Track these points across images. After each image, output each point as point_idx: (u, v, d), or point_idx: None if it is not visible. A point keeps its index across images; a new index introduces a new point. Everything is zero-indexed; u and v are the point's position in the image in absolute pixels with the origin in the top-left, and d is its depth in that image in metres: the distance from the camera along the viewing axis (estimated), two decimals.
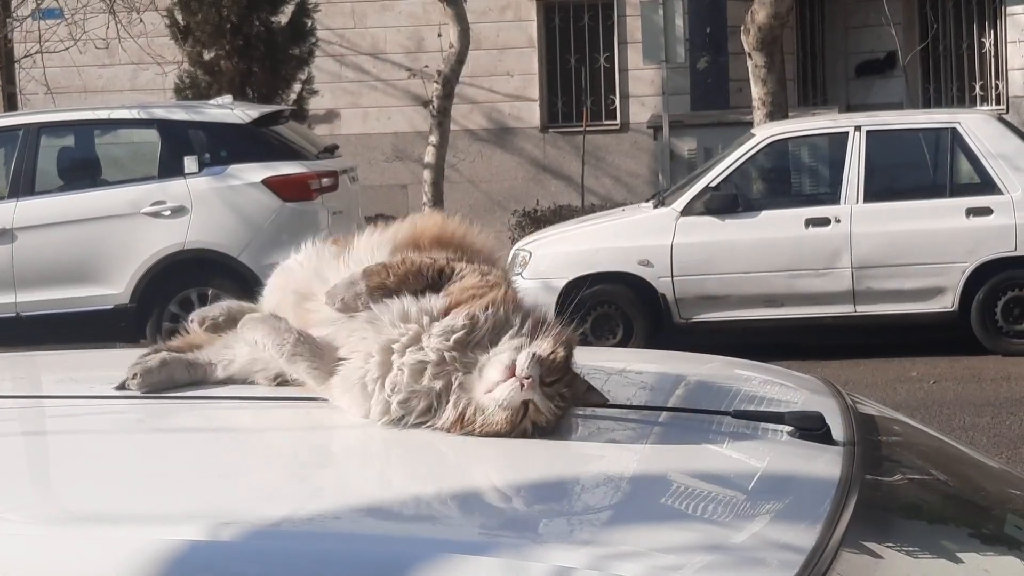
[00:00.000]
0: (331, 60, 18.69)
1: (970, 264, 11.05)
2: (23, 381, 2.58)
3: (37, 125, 11.97)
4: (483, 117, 19.14)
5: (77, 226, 11.54)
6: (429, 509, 1.79)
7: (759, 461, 2.01)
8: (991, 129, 11.49)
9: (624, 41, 18.92)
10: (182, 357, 2.28)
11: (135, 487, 1.85)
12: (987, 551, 2.02)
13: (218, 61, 15.98)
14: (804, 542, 1.67)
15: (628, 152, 18.93)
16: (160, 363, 2.25)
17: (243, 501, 1.78)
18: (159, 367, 2.25)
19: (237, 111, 12.05)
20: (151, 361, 2.26)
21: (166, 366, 2.25)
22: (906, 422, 2.46)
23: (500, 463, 1.95)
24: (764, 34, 13.88)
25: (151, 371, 2.24)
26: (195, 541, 1.62)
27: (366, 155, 18.47)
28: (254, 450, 2.06)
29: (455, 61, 16.28)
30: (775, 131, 12.01)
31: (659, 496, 1.83)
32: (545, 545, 1.65)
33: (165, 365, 2.25)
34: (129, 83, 18.57)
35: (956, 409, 9.21)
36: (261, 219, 11.56)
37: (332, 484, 1.90)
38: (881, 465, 2.10)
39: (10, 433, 2.16)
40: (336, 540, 1.64)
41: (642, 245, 11.43)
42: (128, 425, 2.17)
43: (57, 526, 1.71)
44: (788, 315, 11.32)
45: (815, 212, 11.35)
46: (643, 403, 2.21)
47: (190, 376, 2.25)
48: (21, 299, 11.52)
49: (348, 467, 1.98)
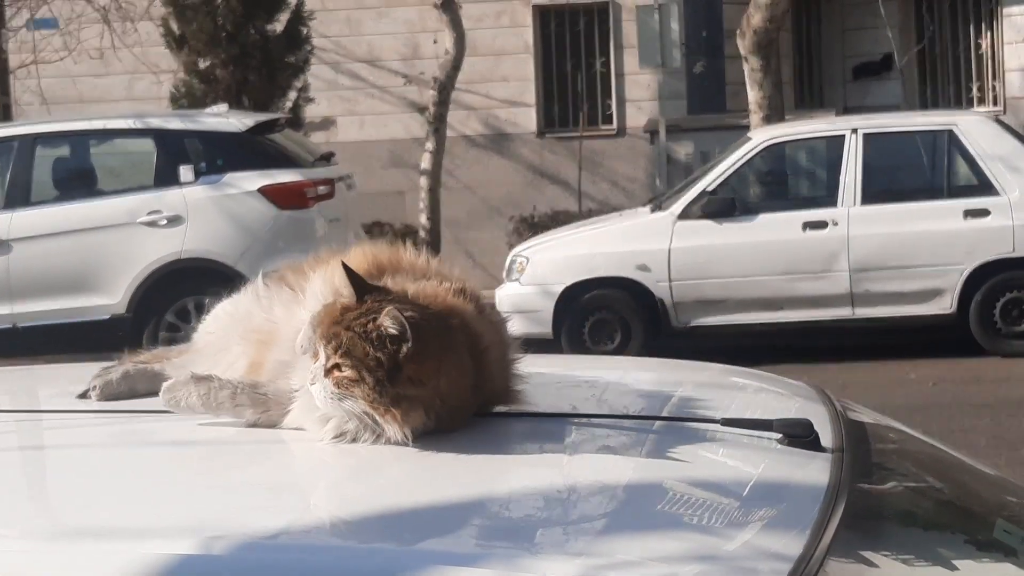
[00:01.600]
0: (327, 68, 18.69)
1: (968, 266, 11.06)
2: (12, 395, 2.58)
3: (32, 136, 11.98)
4: (480, 123, 19.14)
5: (73, 236, 11.54)
6: (420, 520, 1.79)
7: (748, 469, 2.01)
8: (988, 131, 11.51)
9: (620, 46, 18.92)
10: (145, 368, 2.29)
11: (123, 500, 1.85)
12: (979, 557, 2.02)
13: (213, 70, 15.99)
14: (791, 550, 1.67)
15: (625, 157, 18.94)
16: (122, 375, 2.26)
17: (232, 514, 1.78)
18: (121, 378, 2.26)
19: (233, 119, 12.06)
20: (113, 373, 2.28)
21: (128, 377, 2.26)
22: (898, 428, 2.46)
23: (490, 473, 1.95)
24: (760, 37, 13.89)
25: (111, 383, 2.26)
26: (188, 555, 1.62)
27: (363, 162, 18.46)
28: (239, 463, 2.06)
29: (451, 67, 16.29)
30: (772, 134, 12.02)
31: (650, 505, 1.83)
32: (537, 556, 1.65)
33: (127, 377, 2.26)
34: (124, 93, 18.56)
35: (955, 411, 9.21)
36: (258, 227, 11.56)
37: (321, 496, 1.90)
38: (871, 472, 2.10)
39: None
40: (328, 553, 1.65)
41: (640, 250, 11.43)
42: (108, 438, 2.17)
43: (49, 541, 1.71)
44: (786, 319, 11.33)
45: (813, 215, 11.35)
46: (635, 412, 2.21)
47: (154, 387, 2.25)
48: (17, 310, 11.52)
49: (336, 479, 1.98)
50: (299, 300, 2.17)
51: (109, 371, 2.30)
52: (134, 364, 2.32)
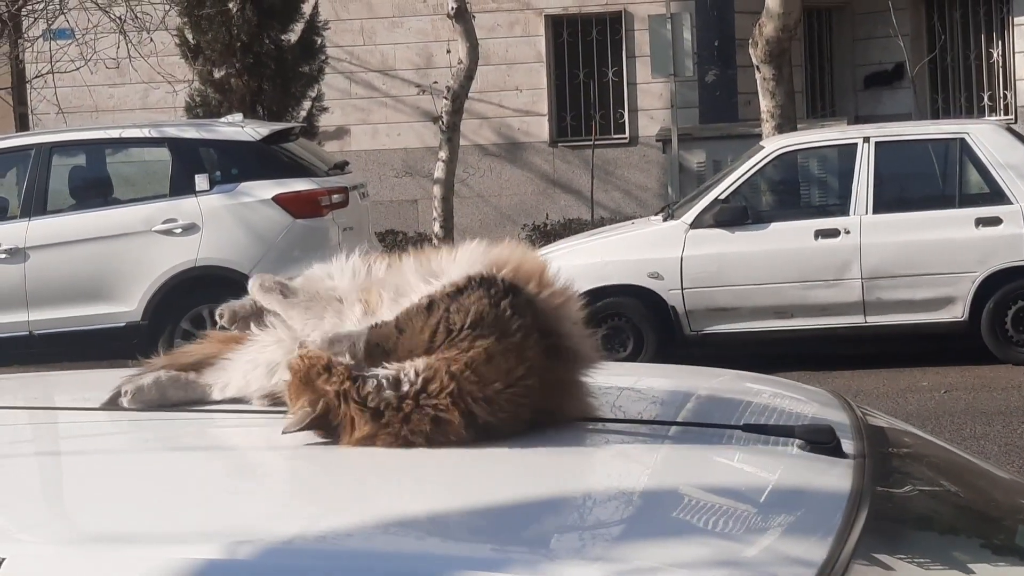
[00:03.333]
0: (341, 77, 18.72)
1: (980, 274, 11.03)
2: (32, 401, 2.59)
3: (49, 145, 12.00)
4: (492, 132, 19.15)
5: (89, 244, 11.56)
6: (441, 525, 1.79)
7: (770, 475, 2.01)
8: (1000, 139, 11.49)
9: (632, 55, 18.93)
10: (177, 376, 2.29)
11: (147, 506, 1.86)
12: (998, 562, 2.02)
13: (228, 79, 16.02)
14: (815, 556, 1.67)
15: (637, 165, 18.94)
16: (154, 381, 2.27)
17: (256, 519, 1.78)
18: (152, 385, 2.26)
19: (248, 129, 12.07)
20: (145, 379, 2.28)
21: (159, 384, 2.27)
22: (916, 434, 2.46)
23: (510, 478, 1.95)
24: (772, 47, 13.89)
25: (143, 389, 2.26)
26: (212, 560, 1.62)
27: (376, 171, 18.50)
28: (261, 467, 2.07)
29: (464, 77, 16.31)
30: (784, 143, 12.01)
31: (671, 510, 1.83)
32: (558, 561, 1.64)
33: (159, 383, 2.27)
34: (140, 102, 18.61)
35: (967, 418, 9.20)
36: (272, 236, 11.58)
37: (343, 501, 1.90)
38: (892, 477, 2.10)
39: (17, 453, 2.17)
40: (352, 558, 1.65)
41: (652, 258, 11.43)
42: (135, 443, 2.18)
43: (74, 546, 1.72)
44: (798, 326, 11.31)
45: (824, 224, 11.34)
46: (653, 417, 2.21)
47: (184, 396, 2.26)
48: (34, 317, 11.54)
49: (356, 484, 1.98)
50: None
51: (140, 377, 2.30)
52: (166, 371, 2.32)
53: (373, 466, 1.98)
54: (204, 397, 2.27)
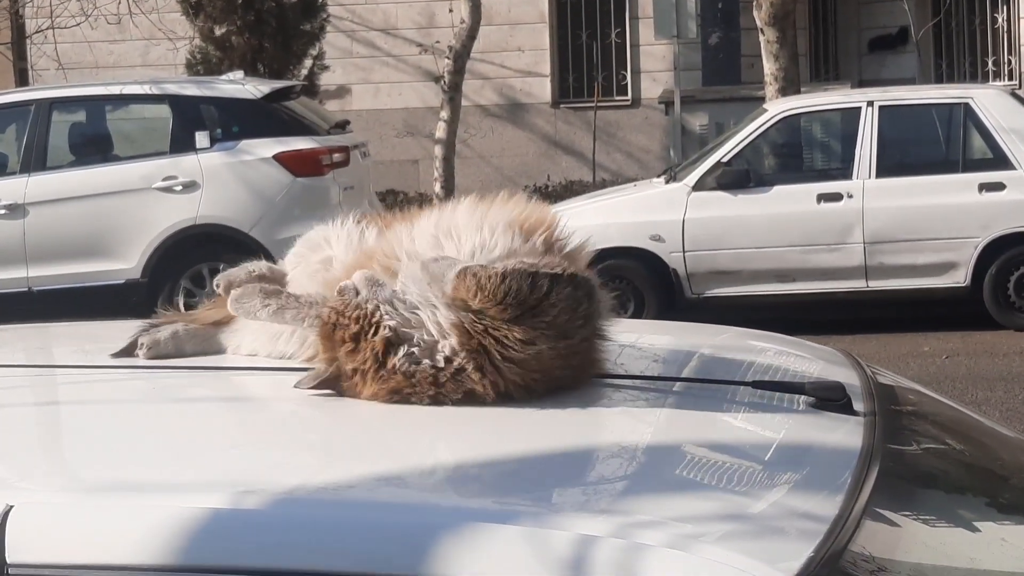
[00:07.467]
0: (342, 36, 18.65)
1: (982, 239, 11.02)
2: (36, 352, 2.59)
3: (49, 100, 11.96)
4: (494, 93, 19.10)
5: (89, 201, 11.54)
6: (448, 478, 1.80)
7: (779, 431, 2.00)
8: (1004, 104, 11.45)
9: (636, 16, 18.86)
10: (195, 331, 2.28)
11: (155, 456, 1.86)
12: (1005, 520, 2.03)
13: (229, 36, 15.96)
14: (826, 511, 1.67)
15: (640, 127, 18.89)
16: (171, 334, 2.26)
17: (262, 470, 1.78)
18: (170, 338, 2.25)
19: (248, 86, 12.04)
20: (162, 332, 2.26)
21: (177, 337, 2.26)
22: (924, 392, 2.46)
23: (518, 433, 1.95)
24: (776, 9, 13.83)
25: (159, 342, 2.25)
26: (219, 509, 1.62)
27: (377, 131, 18.45)
28: (267, 420, 2.06)
29: (466, 37, 16.24)
30: (787, 106, 11.98)
31: (678, 466, 1.83)
32: (564, 514, 1.64)
33: (176, 336, 2.26)
34: (140, 59, 18.55)
35: (968, 384, 9.21)
36: (272, 194, 11.56)
37: (352, 453, 1.90)
38: (901, 435, 2.10)
39: (25, 403, 2.18)
40: (360, 508, 1.65)
41: (654, 220, 11.41)
42: (142, 394, 2.18)
43: (81, 494, 1.72)
44: (800, 290, 11.31)
45: (827, 187, 11.32)
46: (660, 374, 2.20)
47: (201, 351, 2.25)
48: (33, 274, 11.53)
49: (361, 437, 1.98)
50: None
51: (157, 330, 2.29)
52: (184, 325, 2.30)
53: (382, 419, 1.98)
54: (219, 353, 2.27)
